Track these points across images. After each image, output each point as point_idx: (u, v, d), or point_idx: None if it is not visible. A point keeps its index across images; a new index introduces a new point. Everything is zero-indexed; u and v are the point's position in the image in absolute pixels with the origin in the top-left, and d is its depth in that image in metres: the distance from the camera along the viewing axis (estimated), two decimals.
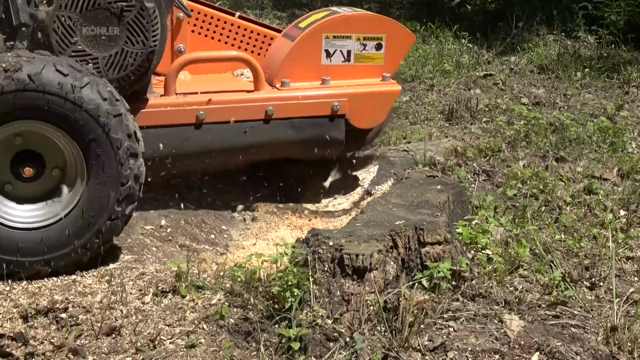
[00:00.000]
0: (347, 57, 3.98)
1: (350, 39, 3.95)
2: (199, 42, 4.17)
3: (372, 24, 4.02)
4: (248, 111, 3.78)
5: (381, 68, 4.05)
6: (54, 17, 3.25)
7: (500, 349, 2.74)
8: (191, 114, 3.68)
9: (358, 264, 2.89)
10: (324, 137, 3.92)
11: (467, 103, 5.98)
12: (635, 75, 7.01)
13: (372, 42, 4.00)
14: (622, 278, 3.47)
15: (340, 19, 3.96)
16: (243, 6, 8.89)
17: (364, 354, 2.67)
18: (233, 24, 4.25)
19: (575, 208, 4.18)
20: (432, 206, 3.40)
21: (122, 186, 3.08)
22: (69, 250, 3.08)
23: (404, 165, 4.37)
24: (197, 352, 2.66)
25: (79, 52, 3.30)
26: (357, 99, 3.96)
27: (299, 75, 3.92)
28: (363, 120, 4.02)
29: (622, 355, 2.79)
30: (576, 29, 8.18)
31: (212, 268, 3.27)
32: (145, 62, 3.40)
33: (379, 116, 4.09)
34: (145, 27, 3.35)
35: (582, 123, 5.62)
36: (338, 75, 3.98)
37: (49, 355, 2.62)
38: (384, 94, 4.04)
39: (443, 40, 7.84)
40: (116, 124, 3.05)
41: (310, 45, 3.91)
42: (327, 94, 3.92)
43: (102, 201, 3.08)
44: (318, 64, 3.94)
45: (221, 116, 3.73)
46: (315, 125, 3.90)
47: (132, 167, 3.10)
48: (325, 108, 3.90)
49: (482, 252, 3.41)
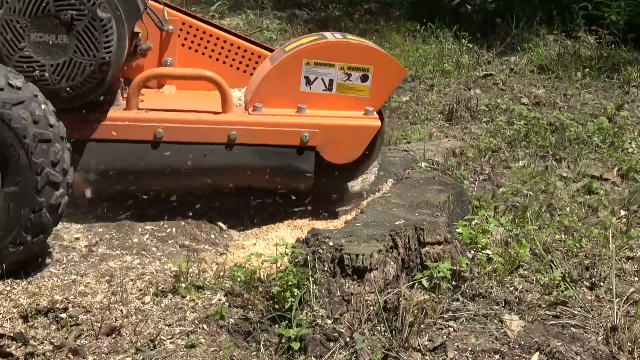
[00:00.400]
0: (329, 86, 3.74)
1: (333, 67, 3.71)
2: (189, 57, 4.06)
3: (359, 53, 3.74)
4: (209, 133, 3.61)
5: (366, 101, 3.77)
6: (2, 21, 3.19)
7: (500, 349, 2.74)
8: (149, 130, 3.55)
9: (358, 264, 2.89)
10: (290, 168, 3.70)
11: (467, 103, 5.98)
12: (635, 75, 7.01)
13: (358, 72, 3.73)
14: (622, 278, 3.47)
15: (323, 45, 3.73)
16: (243, 6, 8.89)
17: (364, 354, 2.67)
18: (226, 40, 4.10)
19: (575, 208, 4.19)
20: (432, 206, 3.40)
21: (38, 175, 2.95)
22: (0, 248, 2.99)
23: (404, 165, 4.37)
24: (197, 352, 2.67)
25: (26, 59, 3.23)
26: (331, 131, 3.70)
27: (274, 100, 3.71)
28: (336, 155, 3.76)
29: (622, 355, 2.79)
30: (576, 29, 8.17)
31: (212, 268, 3.27)
32: (97, 73, 3.30)
33: (354, 151, 3.79)
34: (96, 37, 3.26)
35: (582, 123, 5.62)
36: (317, 104, 3.74)
37: (49, 355, 2.62)
38: (360, 129, 3.76)
39: (443, 40, 7.84)
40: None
41: (288, 70, 3.70)
42: (296, 123, 3.68)
43: (10, 223, 2.97)
44: (296, 90, 3.72)
45: (180, 136, 3.59)
46: (281, 155, 3.68)
47: (45, 153, 2.96)
48: (293, 138, 3.67)
49: (482, 252, 3.41)
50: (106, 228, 3.56)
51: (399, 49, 7.49)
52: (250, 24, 8.31)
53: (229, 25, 8.16)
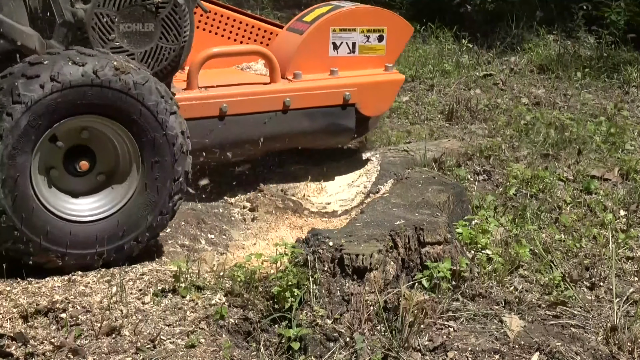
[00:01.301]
0: (352, 48, 4.15)
1: (355, 31, 4.13)
2: (203, 38, 4.19)
3: (374, 16, 4.20)
4: (267, 103, 3.91)
5: (383, 58, 4.23)
6: (92, 14, 3.29)
7: (500, 349, 2.74)
8: (215, 106, 3.77)
9: (358, 264, 2.89)
10: (336, 125, 4.10)
11: (467, 103, 5.98)
12: (635, 75, 7.01)
13: (375, 34, 4.18)
14: (622, 278, 3.47)
15: (346, 12, 4.13)
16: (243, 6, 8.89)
17: (364, 354, 2.67)
18: (235, 19, 4.31)
19: (575, 208, 4.18)
20: (432, 206, 3.40)
21: (174, 182, 3.17)
22: (122, 243, 3.15)
23: (404, 165, 4.37)
24: (197, 352, 2.67)
25: (117, 49, 3.33)
26: (366, 88, 4.13)
27: (309, 67, 4.07)
28: (371, 109, 4.19)
29: (622, 355, 2.79)
30: (576, 29, 8.18)
31: (212, 268, 3.27)
32: (177, 57, 3.48)
33: (385, 104, 4.32)
34: (178, 22, 3.43)
35: (582, 123, 5.63)
36: (344, 66, 4.14)
37: (49, 355, 2.62)
38: (389, 83, 4.23)
39: (443, 40, 7.84)
40: (182, 159, 3.16)
41: (319, 38, 4.08)
42: (338, 84, 4.08)
43: (155, 197, 3.16)
44: (326, 56, 4.10)
45: (243, 108, 3.84)
46: (329, 114, 4.07)
47: (176, 202, 3.21)
48: (337, 98, 4.07)
49: (482, 252, 3.41)
50: None
51: None
52: None
53: None
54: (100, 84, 3.00)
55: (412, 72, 6.84)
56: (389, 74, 4.25)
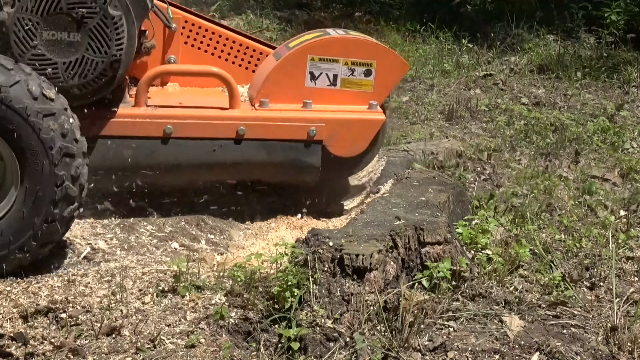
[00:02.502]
0: (333, 81, 3.82)
1: (337, 62, 3.80)
2: (192, 55, 4.08)
3: (362, 48, 3.83)
4: (218, 129, 3.66)
5: (369, 95, 3.86)
6: (14, 19, 3.20)
7: (500, 349, 2.74)
8: (159, 127, 3.59)
9: (358, 264, 2.89)
10: (298, 162, 3.76)
11: (467, 103, 5.98)
12: (635, 75, 7.01)
13: (361, 67, 3.82)
14: (622, 278, 3.47)
15: (327, 41, 3.81)
16: (243, 6, 8.89)
17: (364, 354, 2.67)
18: (228, 38, 4.14)
19: (576, 208, 4.19)
20: (432, 206, 3.40)
21: (57, 187, 2.99)
22: (6, 253, 3.02)
23: (404, 165, 4.37)
24: (197, 352, 2.67)
25: (38, 57, 3.24)
26: (336, 125, 3.77)
27: (279, 96, 3.78)
28: (342, 148, 3.83)
29: (622, 355, 2.79)
30: (576, 29, 8.18)
31: (212, 268, 3.27)
32: (108, 70, 3.33)
33: (359, 145, 3.87)
34: (108, 35, 3.28)
35: (582, 123, 5.63)
36: (322, 99, 3.81)
37: (49, 355, 2.62)
38: (365, 122, 3.83)
39: (443, 40, 7.84)
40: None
41: (294, 66, 3.77)
42: (304, 117, 3.75)
43: (21, 230, 3.00)
44: (301, 86, 3.79)
45: (189, 132, 3.63)
46: (289, 149, 3.74)
47: (67, 167, 3.01)
48: (301, 132, 3.73)
49: (482, 252, 3.41)
50: (106, 228, 3.56)
51: (399, 49, 7.49)
52: (251, 24, 8.32)
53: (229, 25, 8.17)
54: None
55: (412, 72, 6.84)
56: (368, 113, 3.84)
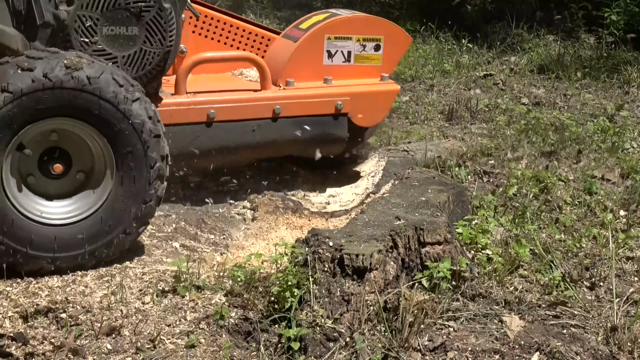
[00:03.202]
0: (348, 57, 4.10)
1: (350, 40, 4.07)
2: (200, 43, 4.20)
3: (371, 25, 4.14)
4: (256, 110, 3.86)
5: (380, 68, 4.17)
6: (74, 16, 3.27)
7: (500, 349, 2.74)
8: (202, 112, 3.75)
9: (358, 264, 2.89)
10: (328, 134, 4.04)
11: (467, 103, 5.98)
12: (635, 75, 7.01)
13: (371, 43, 4.12)
14: (622, 278, 3.47)
15: (341, 21, 4.08)
16: (243, 6, 8.89)
17: (364, 354, 2.67)
18: (232, 25, 4.28)
19: (576, 208, 4.18)
20: (432, 206, 3.40)
21: (151, 168, 3.14)
22: (111, 238, 3.13)
23: (404, 165, 4.37)
24: (197, 352, 2.67)
25: (99, 52, 3.33)
26: (359, 98, 4.07)
27: (302, 75, 4.02)
28: (364, 119, 4.12)
29: (622, 355, 2.79)
30: (576, 29, 8.18)
31: (212, 268, 3.27)
32: (162, 61, 3.46)
33: (379, 115, 4.23)
34: (162, 26, 3.41)
35: (582, 123, 5.63)
36: (339, 75, 4.08)
37: (49, 355, 2.62)
38: (383, 93, 4.16)
39: (443, 40, 7.84)
40: (155, 144, 3.12)
41: (313, 46, 4.03)
42: (331, 93, 4.02)
43: (134, 187, 3.13)
44: (320, 64, 4.05)
45: (231, 115, 3.81)
46: (320, 123, 4.00)
47: (157, 188, 3.17)
48: (329, 107, 4.00)
49: (482, 252, 3.41)
50: None
51: None
52: None
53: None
54: (53, 86, 2.95)
55: (412, 72, 6.84)
56: (384, 84, 4.18)
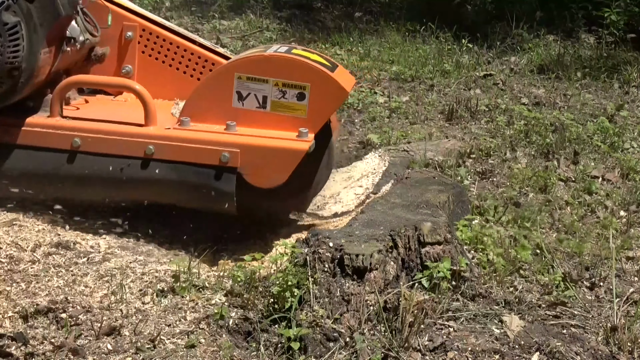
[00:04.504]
0: (263, 103, 3.49)
1: (266, 83, 3.47)
2: (149, 65, 3.98)
3: (294, 70, 3.47)
4: (126, 146, 3.47)
5: (302, 121, 3.49)
6: None
7: (500, 349, 2.74)
8: (66, 139, 3.48)
9: (358, 264, 2.89)
10: (210, 188, 3.45)
11: (467, 103, 5.97)
12: (635, 75, 7.01)
13: (293, 90, 3.47)
14: (622, 278, 3.47)
15: (256, 59, 3.52)
16: (243, 6, 8.89)
17: (364, 354, 2.67)
18: (186, 49, 3.96)
19: (576, 208, 4.19)
20: (432, 206, 3.40)
21: None
22: None
23: (404, 165, 4.37)
24: (197, 352, 2.67)
25: None
26: (252, 151, 3.43)
27: (203, 115, 3.52)
28: (260, 178, 3.49)
29: (622, 355, 2.79)
30: (576, 29, 8.18)
31: (212, 268, 3.27)
32: (5, 77, 3.26)
33: (278, 176, 3.49)
34: (0, 42, 3.19)
35: (582, 123, 5.63)
36: (250, 122, 3.50)
37: (49, 355, 2.62)
38: (284, 151, 3.44)
39: (443, 40, 7.84)
40: None
41: (220, 84, 3.51)
42: (216, 141, 3.44)
43: None
44: (228, 105, 3.49)
45: (97, 147, 3.48)
46: (199, 174, 3.45)
47: None
48: (212, 156, 3.43)
49: (482, 252, 3.41)
50: (106, 228, 3.56)
51: (399, 49, 7.50)
52: (251, 24, 8.32)
53: (229, 26, 8.17)
54: None
55: (412, 72, 6.84)
56: (289, 141, 3.45)
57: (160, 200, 3.57)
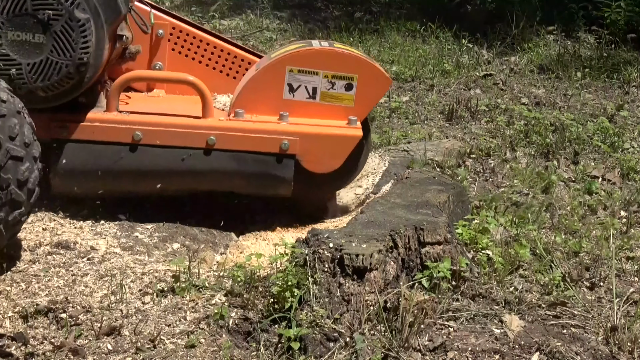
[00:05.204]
0: (313, 94, 3.67)
1: (317, 75, 3.64)
2: (179, 62, 4.05)
3: (343, 61, 3.66)
4: (188, 138, 3.59)
5: (350, 110, 3.69)
6: None
7: (500, 349, 2.74)
8: (127, 133, 3.56)
9: (358, 264, 2.89)
10: (269, 175, 3.64)
11: (467, 103, 5.97)
12: (635, 75, 7.01)
13: (342, 81, 3.66)
14: (622, 278, 3.47)
15: (307, 53, 3.66)
16: (243, 6, 8.89)
17: (364, 354, 2.67)
18: (216, 46, 4.09)
19: (576, 208, 4.19)
20: (432, 206, 3.41)
21: (2, 191, 2.88)
22: None
23: (404, 165, 4.37)
24: (197, 352, 2.67)
25: (2, 57, 3.24)
26: (310, 139, 3.63)
27: (256, 107, 3.67)
28: (316, 164, 3.69)
29: (622, 355, 2.79)
30: (576, 29, 8.18)
31: (212, 268, 3.27)
32: (74, 73, 3.32)
33: (333, 161, 3.71)
34: (72, 37, 3.26)
35: (582, 123, 5.63)
36: (300, 112, 3.68)
37: (49, 355, 2.62)
38: (340, 138, 3.67)
39: (443, 40, 7.84)
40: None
41: (271, 77, 3.65)
42: (275, 130, 3.62)
43: None
44: (279, 98, 3.66)
45: (158, 139, 3.58)
46: (260, 161, 3.63)
47: (13, 170, 2.90)
48: (273, 145, 3.61)
49: (482, 252, 3.41)
50: (106, 228, 3.56)
51: (399, 49, 7.50)
52: (251, 23, 8.32)
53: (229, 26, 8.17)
54: None
55: (412, 72, 6.84)
56: (344, 128, 3.67)
57: (219, 188, 3.70)
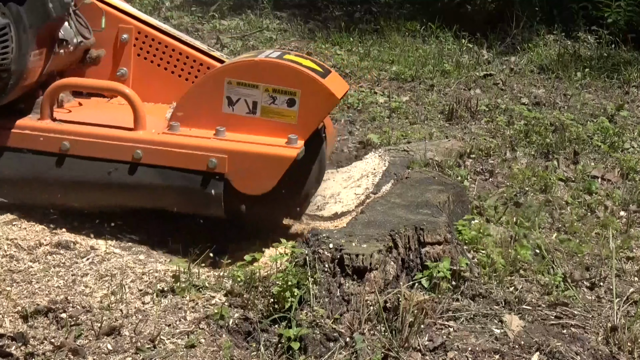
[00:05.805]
0: (253, 108, 3.42)
1: (256, 88, 3.40)
2: (144, 68, 3.93)
3: (284, 75, 3.39)
4: (114, 150, 3.43)
5: (292, 128, 3.41)
6: None
7: (500, 349, 2.74)
8: (55, 142, 3.45)
9: (358, 264, 2.89)
10: (198, 193, 3.40)
11: (467, 103, 5.97)
12: (635, 75, 7.01)
13: (283, 96, 3.40)
14: (622, 278, 3.47)
15: (246, 64, 3.45)
16: (243, 6, 8.89)
17: (364, 354, 2.67)
18: (181, 52, 3.90)
19: (576, 208, 4.19)
20: (432, 206, 3.40)
21: None
22: None
23: (404, 165, 4.37)
24: (197, 352, 2.67)
25: None
26: (240, 158, 3.37)
27: (193, 120, 3.46)
28: (246, 185, 3.41)
29: (622, 355, 2.79)
30: (576, 29, 8.18)
31: (212, 268, 3.27)
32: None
33: (266, 183, 3.40)
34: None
35: (582, 123, 5.63)
36: (239, 127, 3.44)
37: (49, 355, 2.62)
38: (272, 158, 3.36)
39: (443, 40, 7.84)
40: None
41: (210, 89, 3.44)
42: (204, 146, 3.38)
43: None
44: (218, 111, 3.44)
45: (85, 151, 3.45)
46: (187, 179, 3.40)
47: None
48: (199, 162, 3.37)
49: (482, 252, 3.41)
50: (106, 228, 3.56)
51: (399, 49, 7.50)
52: (251, 24, 8.32)
53: (229, 26, 8.17)
54: None
55: (412, 72, 6.84)
56: (277, 147, 3.37)
57: (148, 204, 3.52)
